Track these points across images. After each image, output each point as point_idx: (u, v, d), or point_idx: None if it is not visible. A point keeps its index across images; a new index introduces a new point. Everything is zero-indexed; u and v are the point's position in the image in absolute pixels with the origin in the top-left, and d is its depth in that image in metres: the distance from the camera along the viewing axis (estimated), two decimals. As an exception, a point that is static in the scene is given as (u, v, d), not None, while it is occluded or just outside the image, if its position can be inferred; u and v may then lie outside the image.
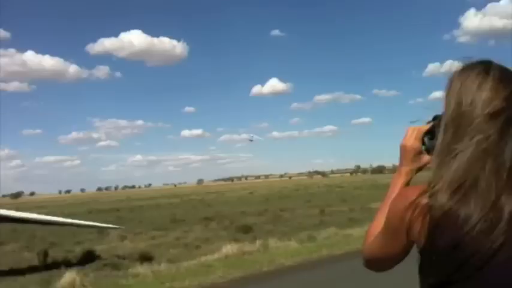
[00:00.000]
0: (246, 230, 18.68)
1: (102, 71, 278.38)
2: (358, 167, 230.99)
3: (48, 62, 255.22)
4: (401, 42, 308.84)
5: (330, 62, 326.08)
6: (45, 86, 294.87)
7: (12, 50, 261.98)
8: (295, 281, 9.33)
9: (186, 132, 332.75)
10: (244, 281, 9.38)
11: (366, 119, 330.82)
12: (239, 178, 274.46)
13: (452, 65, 1.30)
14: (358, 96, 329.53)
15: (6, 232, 24.36)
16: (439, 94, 1.30)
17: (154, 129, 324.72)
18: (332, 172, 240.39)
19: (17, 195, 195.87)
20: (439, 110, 1.29)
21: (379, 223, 1.40)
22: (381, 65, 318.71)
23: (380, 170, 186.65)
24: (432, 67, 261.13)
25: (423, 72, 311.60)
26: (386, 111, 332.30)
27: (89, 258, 13.78)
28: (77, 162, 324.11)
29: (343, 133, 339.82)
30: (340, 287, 8.40)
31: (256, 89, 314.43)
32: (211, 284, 9.15)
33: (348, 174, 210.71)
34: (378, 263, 1.44)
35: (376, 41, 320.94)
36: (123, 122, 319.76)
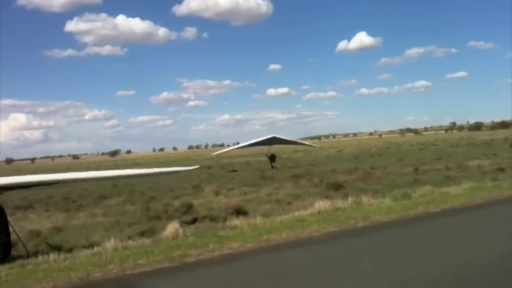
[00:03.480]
0: (337, 187, 18.59)
1: (190, 33, 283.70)
2: (454, 124, 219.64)
3: (138, 25, 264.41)
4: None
5: (421, 13, 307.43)
6: (136, 49, 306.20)
7: (103, 15, 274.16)
8: (391, 236, 9.23)
9: (271, 91, 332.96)
10: (339, 235, 9.42)
11: (462, 73, 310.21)
12: (326, 136, 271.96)
13: None
14: (452, 50, 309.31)
15: (109, 187, 26.18)
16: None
17: (241, 88, 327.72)
18: (425, 129, 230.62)
19: (114, 153, 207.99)
20: None
21: None
22: (477, 16, 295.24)
23: (477, 126, 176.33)
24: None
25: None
26: (483, 65, 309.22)
27: (187, 211, 14.47)
28: (169, 121, 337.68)
29: (436, 88, 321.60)
30: (438, 242, 8.19)
31: (343, 44, 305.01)
32: (308, 237, 9.28)
33: (443, 131, 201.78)
34: None
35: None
36: (211, 82, 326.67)
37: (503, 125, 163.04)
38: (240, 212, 12.97)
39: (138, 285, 6.77)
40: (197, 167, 16.95)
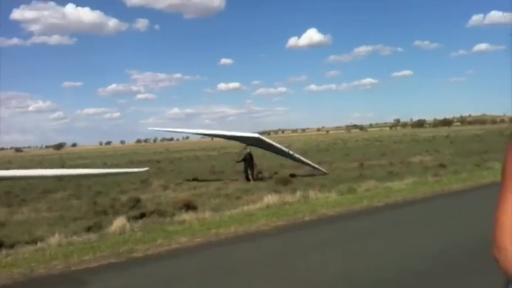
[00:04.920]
0: (285, 182, 18.86)
1: (141, 24, 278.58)
2: (398, 120, 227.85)
3: (88, 15, 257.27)
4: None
5: (370, 12, 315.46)
6: (85, 39, 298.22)
7: (52, 3, 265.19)
8: (338, 229, 9.48)
9: (222, 86, 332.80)
10: (287, 228, 9.59)
11: (407, 72, 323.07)
12: (275, 131, 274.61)
13: (496, 16, 1.20)
14: (399, 49, 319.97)
15: (53, 181, 25.35)
16: (483, 46, 1.20)
17: (192, 82, 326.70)
18: (371, 126, 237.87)
19: (59, 146, 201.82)
20: (482, 64, 1.19)
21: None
22: (422, 16, 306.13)
23: (420, 124, 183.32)
24: (476, 18, 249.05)
25: (466, 23, 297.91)
26: (427, 64, 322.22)
27: (135, 206, 14.25)
28: (117, 114, 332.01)
29: (382, 86, 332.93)
30: (382, 235, 8.49)
31: (293, 41, 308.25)
32: (256, 231, 9.39)
33: (387, 128, 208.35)
34: None
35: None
36: (161, 75, 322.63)
37: (445, 122, 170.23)
38: (189, 206, 12.89)
39: (83, 281, 6.64)
40: (146, 169, 16.73)
